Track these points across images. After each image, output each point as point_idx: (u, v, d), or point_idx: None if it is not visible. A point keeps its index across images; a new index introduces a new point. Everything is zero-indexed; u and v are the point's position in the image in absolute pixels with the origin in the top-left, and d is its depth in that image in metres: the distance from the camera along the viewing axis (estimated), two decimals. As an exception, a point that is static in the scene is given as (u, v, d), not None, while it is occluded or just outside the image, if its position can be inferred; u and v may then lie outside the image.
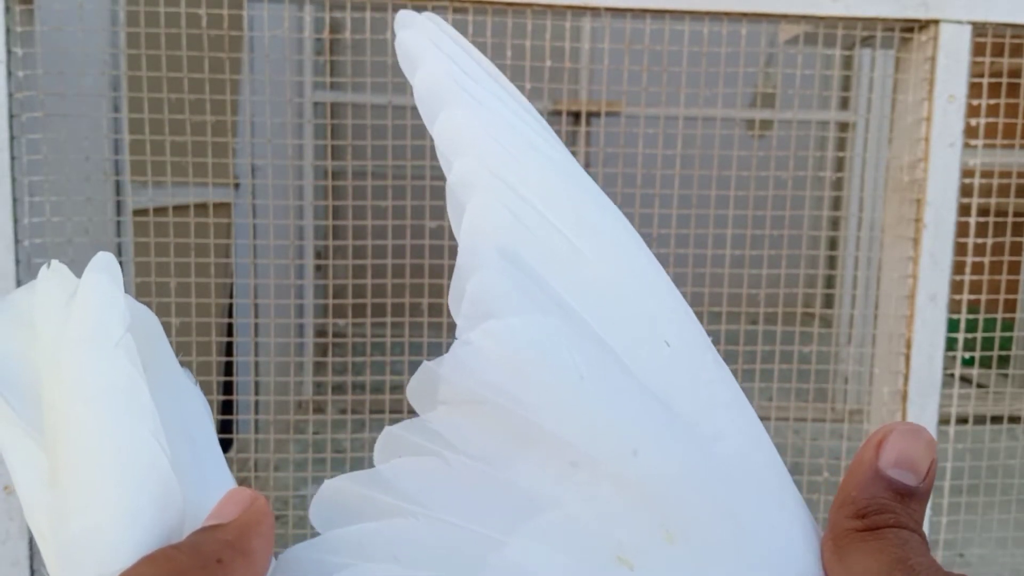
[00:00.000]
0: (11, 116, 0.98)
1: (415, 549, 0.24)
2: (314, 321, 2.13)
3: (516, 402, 0.24)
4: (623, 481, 0.24)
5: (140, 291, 1.14)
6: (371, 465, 0.26)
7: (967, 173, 1.13)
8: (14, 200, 0.99)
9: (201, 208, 1.47)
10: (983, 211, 1.17)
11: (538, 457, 0.24)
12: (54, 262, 0.27)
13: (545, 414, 0.24)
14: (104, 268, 0.26)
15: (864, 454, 0.26)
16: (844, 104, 2.25)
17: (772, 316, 1.26)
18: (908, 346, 1.09)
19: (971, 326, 1.20)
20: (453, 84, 0.26)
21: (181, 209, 1.27)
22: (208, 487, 0.26)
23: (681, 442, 0.24)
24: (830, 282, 2.35)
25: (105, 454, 0.24)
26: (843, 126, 2.28)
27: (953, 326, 1.15)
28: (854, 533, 0.24)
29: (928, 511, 1.17)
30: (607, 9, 1.04)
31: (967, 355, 1.22)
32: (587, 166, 2.02)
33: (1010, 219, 1.33)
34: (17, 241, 0.99)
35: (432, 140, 0.27)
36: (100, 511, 0.23)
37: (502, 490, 0.24)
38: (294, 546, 0.25)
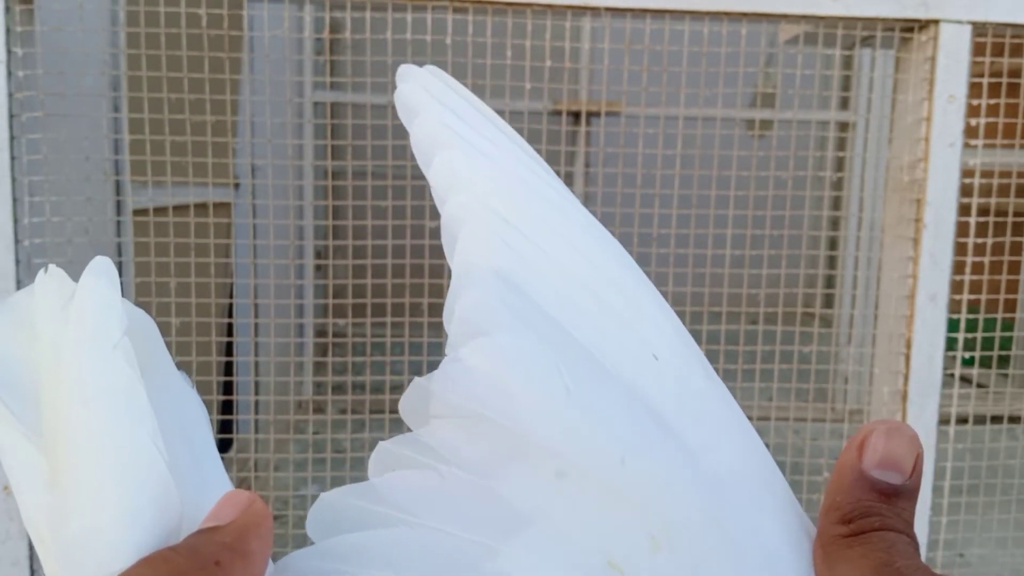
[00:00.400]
0: (11, 116, 0.98)
1: (410, 557, 0.24)
2: (314, 321, 2.13)
3: (505, 416, 0.24)
4: (611, 490, 0.24)
5: (140, 291, 1.14)
6: None
7: (967, 173, 1.13)
8: (14, 200, 0.99)
9: (201, 208, 1.47)
10: (983, 211, 1.17)
11: (528, 468, 0.24)
12: (51, 266, 0.28)
13: (533, 427, 0.24)
14: (101, 272, 0.26)
15: (846, 457, 0.26)
16: (844, 104, 2.25)
17: (772, 316, 1.26)
18: (908, 346, 1.09)
19: (971, 326, 1.20)
20: (447, 130, 0.28)
21: (181, 209, 1.27)
22: (206, 489, 0.26)
23: (668, 452, 0.25)
24: (830, 282, 2.35)
25: (103, 456, 0.24)
26: (843, 126, 2.28)
27: (953, 326, 1.15)
28: (840, 539, 0.24)
29: (928, 511, 1.17)
30: (607, 9, 1.04)
31: (967, 355, 1.22)
32: (587, 166, 2.02)
33: (1010, 219, 1.33)
34: (17, 241, 0.99)
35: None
36: (99, 513, 0.23)
37: (494, 501, 0.24)
38: (291, 553, 0.25)
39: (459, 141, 0.28)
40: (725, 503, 0.25)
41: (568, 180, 2.05)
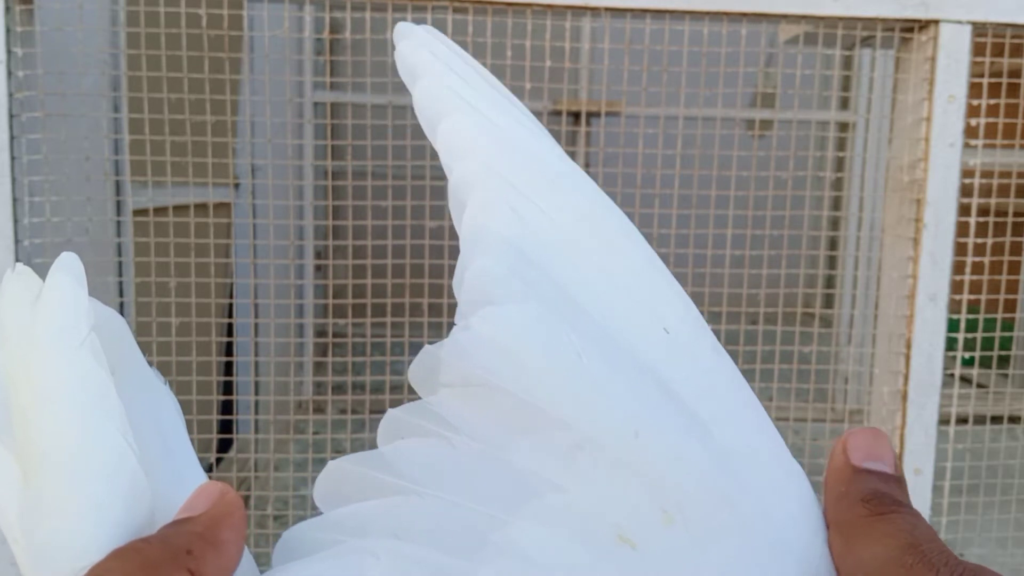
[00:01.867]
0: (11, 116, 0.98)
1: (416, 526, 0.24)
2: (314, 321, 2.13)
3: (516, 386, 0.24)
4: (623, 463, 0.24)
5: (140, 291, 1.14)
6: None
7: (967, 173, 1.13)
8: (14, 200, 0.99)
9: (201, 208, 1.47)
10: (983, 211, 1.17)
11: (540, 439, 0.24)
12: (18, 265, 0.27)
13: (545, 398, 0.24)
14: (68, 268, 0.26)
15: (836, 460, 0.27)
16: (844, 104, 2.25)
17: (772, 316, 1.26)
18: (908, 346, 1.09)
19: (971, 326, 1.20)
20: (452, 94, 0.27)
21: (181, 209, 1.27)
22: (179, 483, 0.26)
23: (681, 426, 0.24)
24: (830, 282, 2.35)
25: (72, 452, 0.24)
26: (843, 126, 2.28)
27: (953, 326, 1.15)
28: (861, 519, 0.24)
29: (928, 511, 1.17)
30: (607, 9, 1.04)
31: (967, 355, 1.22)
32: (587, 166, 2.02)
33: (1010, 219, 1.33)
34: (17, 241, 0.99)
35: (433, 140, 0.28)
36: (70, 510, 0.23)
37: (505, 472, 0.24)
38: (296, 525, 0.26)
39: (465, 106, 0.27)
40: (737, 479, 0.24)
41: (568, 180, 2.04)
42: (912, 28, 1.08)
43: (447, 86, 0.28)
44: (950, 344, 1.12)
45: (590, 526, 0.24)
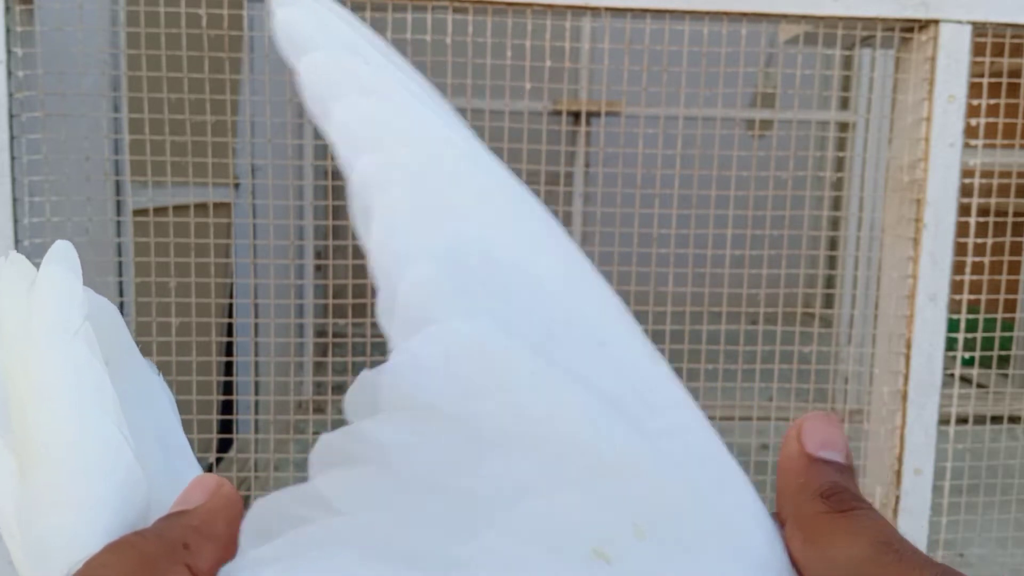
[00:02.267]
0: (11, 116, 0.98)
1: (379, 543, 0.22)
2: (314, 321, 2.13)
3: (465, 408, 0.22)
4: (588, 478, 0.23)
5: (140, 291, 1.14)
6: None
7: (967, 173, 1.13)
8: (14, 200, 0.99)
9: (201, 208, 1.47)
10: (983, 211, 1.17)
11: (494, 461, 0.22)
12: (12, 253, 0.27)
13: (498, 418, 0.22)
14: (62, 258, 0.26)
15: (790, 447, 0.26)
16: (844, 104, 2.25)
17: (772, 316, 1.26)
18: (908, 346, 1.09)
19: (971, 326, 1.20)
20: (346, 72, 0.24)
21: (181, 209, 1.27)
22: (175, 475, 0.25)
23: (636, 440, 0.23)
24: (830, 282, 2.35)
25: (69, 448, 0.24)
26: (843, 126, 2.28)
27: (953, 326, 1.15)
28: (822, 516, 0.24)
29: (928, 511, 1.17)
30: (607, 9, 1.04)
31: (967, 355, 1.22)
32: (587, 166, 2.02)
33: (1010, 219, 1.33)
34: (17, 241, 0.99)
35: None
36: (67, 504, 0.23)
37: (457, 497, 0.22)
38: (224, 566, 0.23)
39: (361, 87, 0.24)
40: (696, 489, 0.24)
41: (568, 180, 2.05)
42: (912, 28, 1.08)
43: (339, 63, 0.24)
44: (950, 344, 1.12)
45: (565, 541, 0.22)
